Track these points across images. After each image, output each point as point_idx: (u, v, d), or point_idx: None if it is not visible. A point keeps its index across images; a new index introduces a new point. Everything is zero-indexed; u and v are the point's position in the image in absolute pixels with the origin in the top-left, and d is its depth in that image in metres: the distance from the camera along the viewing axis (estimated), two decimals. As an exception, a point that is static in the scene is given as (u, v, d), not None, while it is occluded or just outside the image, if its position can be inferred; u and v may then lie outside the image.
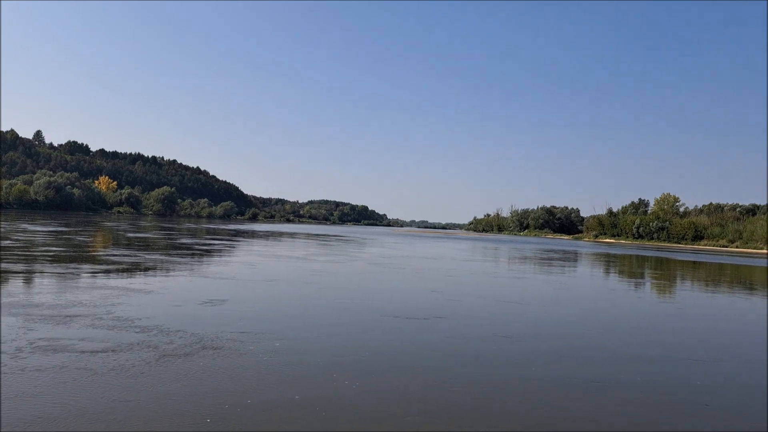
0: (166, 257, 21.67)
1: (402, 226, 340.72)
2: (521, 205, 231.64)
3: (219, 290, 13.06)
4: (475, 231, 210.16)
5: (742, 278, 28.94)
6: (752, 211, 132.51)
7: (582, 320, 11.82)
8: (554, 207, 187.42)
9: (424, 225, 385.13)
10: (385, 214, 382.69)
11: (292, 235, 62.50)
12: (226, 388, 5.98)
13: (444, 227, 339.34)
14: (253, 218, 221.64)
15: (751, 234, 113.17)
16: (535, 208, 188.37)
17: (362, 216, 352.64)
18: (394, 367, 7.13)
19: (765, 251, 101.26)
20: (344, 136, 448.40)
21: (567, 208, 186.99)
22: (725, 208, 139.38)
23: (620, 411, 5.90)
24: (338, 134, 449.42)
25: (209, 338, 8.12)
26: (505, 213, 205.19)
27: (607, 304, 15.23)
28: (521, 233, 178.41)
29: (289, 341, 8.20)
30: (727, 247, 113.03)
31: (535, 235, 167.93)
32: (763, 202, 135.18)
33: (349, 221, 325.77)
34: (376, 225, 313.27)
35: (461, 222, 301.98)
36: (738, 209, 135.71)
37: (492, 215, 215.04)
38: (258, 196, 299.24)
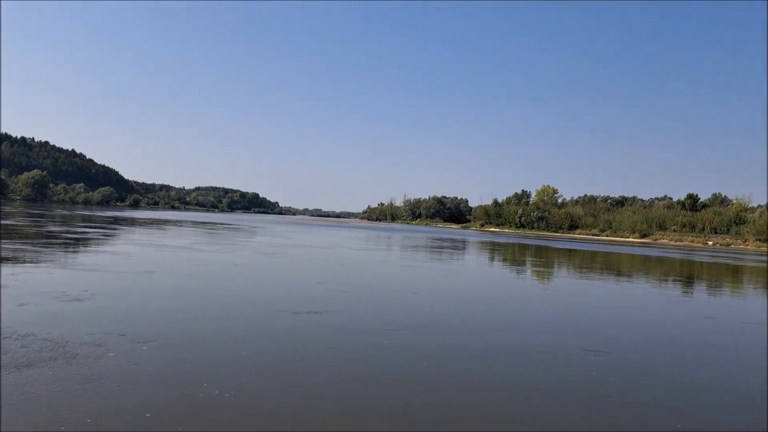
0: (28, 246, 19.49)
1: (294, 214, 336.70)
2: (414, 195, 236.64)
3: (85, 284, 11.75)
4: (368, 220, 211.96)
5: (611, 264, 31.04)
6: (621, 202, 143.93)
7: (470, 306, 11.86)
8: (445, 197, 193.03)
9: (318, 213, 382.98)
10: (276, 202, 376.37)
11: (176, 222, 59.41)
12: (75, 404, 5.15)
13: (338, 216, 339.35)
14: (135, 205, 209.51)
15: (620, 224, 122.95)
16: (427, 198, 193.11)
17: (253, 204, 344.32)
18: (277, 371, 6.57)
19: (631, 239, 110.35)
20: (235, 121, 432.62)
21: (457, 198, 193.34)
22: (598, 199, 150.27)
23: (498, 374, 5.77)
24: (228, 118, 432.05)
25: (64, 343, 7.10)
26: (399, 202, 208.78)
27: (492, 291, 15.52)
28: (413, 222, 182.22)
29: (158, 345, 7.35)
30: (598, 235, 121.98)
31: (427, 224, 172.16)
32: (630, 195, 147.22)
33: (239, 209, 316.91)
34: (268, 213, 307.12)
35: (355, 211, 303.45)
36: (609, 201, 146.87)
37: (386, 204, 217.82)
38: (140, 181, 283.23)
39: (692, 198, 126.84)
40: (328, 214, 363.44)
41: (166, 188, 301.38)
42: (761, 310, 15.15)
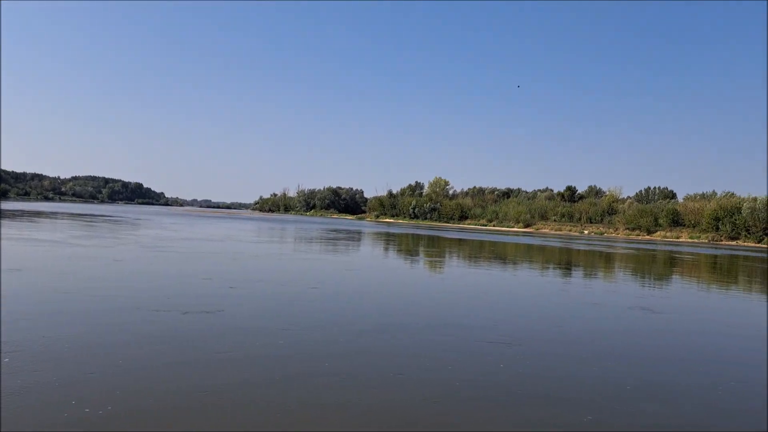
0: None
1: (182, 205, 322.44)
2: (308, 185, 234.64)
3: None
4: (261, 211, 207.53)
5: (499, 253, 32.43)
6: (507, 194, 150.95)
7: (360, 298, 11.81)
8: (340, 188, 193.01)
9: (207, 204, 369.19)
10: (162, 193, 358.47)
11: (50, 214, 54.93)
12: None
13: (228, 207, 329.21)
14: (3, 195, 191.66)
15: (506, 214, 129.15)
16: (322, 189, 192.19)
17: (136, 194, 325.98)
18: (158, 382, 6.10)
19: (516, 229, 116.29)
20: (115, 105, 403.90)
21: (352, 189, 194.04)
22: (486, 191, 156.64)
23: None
24: (106, 101, 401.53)
25: None
26: (292, 193, 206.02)
27: (392, 283, 15.60)
28: (308, 213, 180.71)
29: (17, 354, 6.62)
30: (486, 225, 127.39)
31: (321, 215, 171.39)
32: (515, 186, 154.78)
33: (121, 200, 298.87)
34: (153, 204, 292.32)
35: (247, 201, 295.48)
36: (496, 192, 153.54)
37: (279, 195, 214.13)
38: (8, 170, 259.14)
39: (571, 190, 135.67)
40: (218, 205, 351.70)
41: (39, 177, 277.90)
42: (641, 296, 16.36)
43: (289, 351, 7.34)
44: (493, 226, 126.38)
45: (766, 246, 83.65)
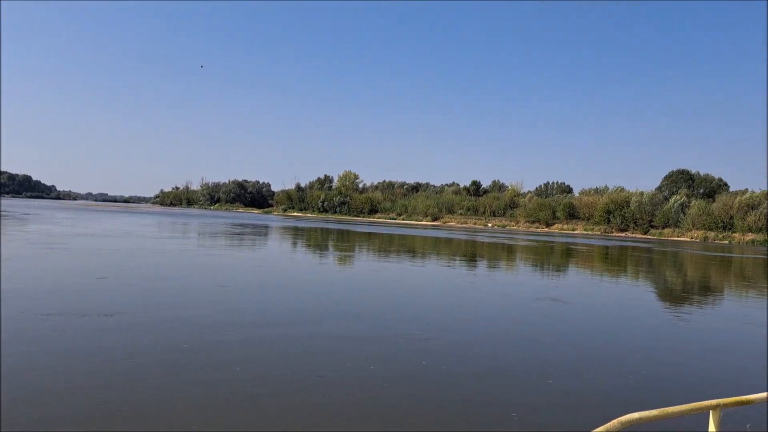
0: None
1: (76, 199, 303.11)
2: (212, 179, 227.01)
3: None
4: (162, 205, 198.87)
5: (409, 246, 32.89)
6: (416, 188, 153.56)
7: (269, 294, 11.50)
8: (246, 181, 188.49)
9: (104, 198, 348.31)
10: (53, 186, 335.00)
11: None
12: None
13: (127, 201, 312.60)
14: None
15: (414, 208, 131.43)
16: (227, 182, 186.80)
17: (24, 187, 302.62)
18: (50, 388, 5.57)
19: (424, 222, 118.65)
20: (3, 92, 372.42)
21: (258, 182, 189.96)
22: (395, 185, 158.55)
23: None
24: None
25: None
26: (195, 186, 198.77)
27: (301, 279, 15.32)
28: (212, 207, 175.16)
29: None
30: (395, 219, 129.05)
31: (227, 208, 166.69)
32: (423, 181, 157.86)
33: (7, 193, 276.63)
34: (43, 198, 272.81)
35: (147, 195, 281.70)
36: (405, 186, 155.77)
37: (181, 188, 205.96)
38: None
39: (476, 184, 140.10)
40: (115, 199, 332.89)
41: None
42: (547, 286, 17.04)
43: (195, 357, 6.97)
44: (403, 219, 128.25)
45: (651, 237, 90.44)
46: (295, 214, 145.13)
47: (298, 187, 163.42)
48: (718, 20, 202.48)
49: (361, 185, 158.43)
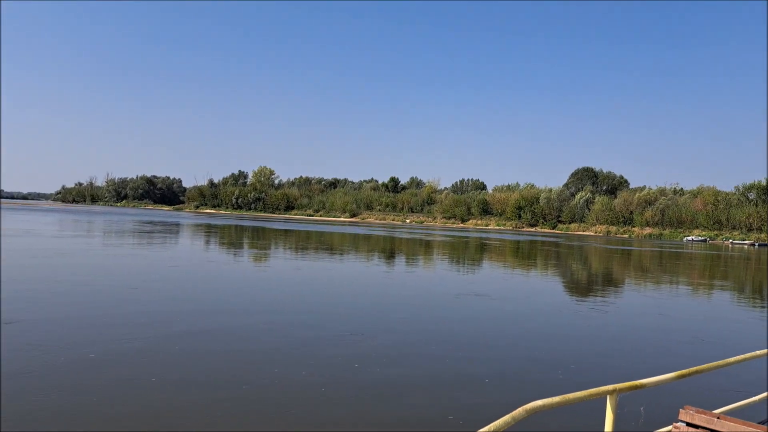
0: None
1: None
2: (119, 174, 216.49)
3: None
4: (63, 202, 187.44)
5: (326, 243, 32.70)
6: (334, 184, 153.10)
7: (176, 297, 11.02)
8: (155, 177, 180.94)
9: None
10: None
11: None
12: None
13: (25, 197, 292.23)
14: None
15: (332, 204, 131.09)
16: (135, 178, 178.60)
17: None
18: None
19: (342, 218, 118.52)
20: None
21: (169, 178, 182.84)
22: (313, 181, 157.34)
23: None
24: None
25: None
26: (100, 182, 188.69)
27: (217, 278, 14.80)
28: (119, 204, 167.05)
29: None
30: (313, 216, 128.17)
31: (135, 205, 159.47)
32: (342, 177, 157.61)
33: None
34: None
35: (47, 191, 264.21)
36: (323, 182, 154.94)
37: (84, 184, 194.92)
38: None
39: (394, 181, 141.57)
40: (12, 196, 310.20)
41: None
42: (467, 282, 17.37)
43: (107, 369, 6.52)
44: (320, 216, 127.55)
45: (558, 232, 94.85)
46: (207, 211, 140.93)
47: (211, 183, 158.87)
48: (620, 23, 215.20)
49: (277, 181, 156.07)
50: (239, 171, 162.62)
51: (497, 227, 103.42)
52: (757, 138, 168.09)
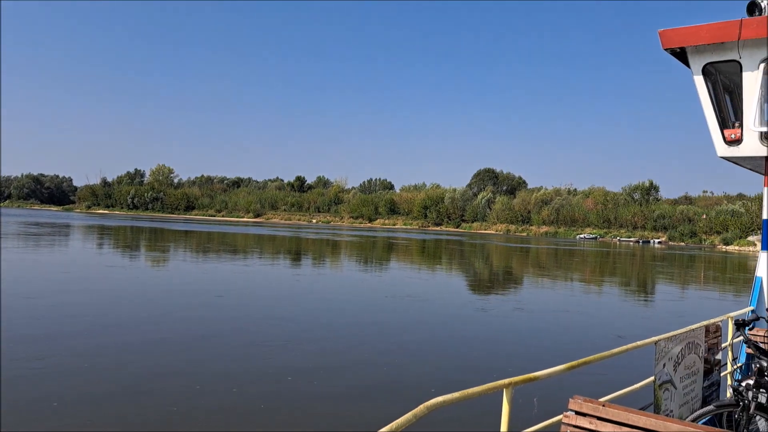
0: None
1: None
2: (2, 172, 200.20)
3: None
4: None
5: (230, 244, 31.82)
6: (237, 183, 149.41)
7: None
8: (43, 175, 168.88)
9: None
10: None
11: None
12: None
13: None
14: None
15: (235, 204, 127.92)
16: (20, 176, 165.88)
17: None
18: None
19: (246, 219, 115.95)
20: None
21: (58, 176, 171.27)
22: (215, 180, 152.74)
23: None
24: None
25: None
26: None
27: (112, 282, 13.93)
28: (1, 204, 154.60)
29: None
30: (215, 216, 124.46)
31: (19, 205, 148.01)
32: (245, 176, 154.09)
33: None
34: None
35: None
36: (225, 182, 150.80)
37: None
38: None
39: (300, 180, 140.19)
40: None
41: None
42: (391, 283, 17.39)
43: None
44: (223, 216, 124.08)
45: (462, 231, 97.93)
46: (101, 211, 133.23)
47: (105, 182, 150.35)
48: (521, 23, 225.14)
49: (176, 180, 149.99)
50: (135, 169, 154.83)
51: (404, 226, 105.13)
52: (644, 141, 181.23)
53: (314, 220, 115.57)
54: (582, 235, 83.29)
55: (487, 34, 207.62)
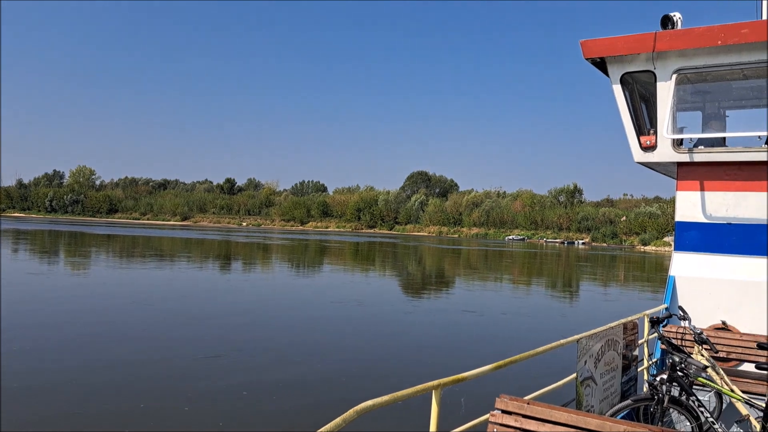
0: None
1: None
2: None
3: None
4: None
5: (157, 248, 30.75)
6: (164, 185, 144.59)
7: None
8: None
9: None
10: None
11: None
12: None
13: None
14: None
15: (161, 207, 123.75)
16: None
17: None
18: None
19: (173, 222, 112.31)
20: None
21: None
22: (139, 182, 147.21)
23: None
24: None
25: None
26: None
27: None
28: None
29: None
30: (139, 219, 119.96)
31: None
32: (172, 178, 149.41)
33: None
34: None
35: None
36: (151, 184, 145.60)
37: None
38: None
39: (230, 182, 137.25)
40: None
41: None
42: (329, 287, 17.20)
43: None
44: (148, 219, 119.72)
45: (396, 233, 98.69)
46: (15, 214, 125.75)
47: (20, 184, 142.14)
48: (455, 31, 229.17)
49: (98, 182, 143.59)
50: (54, 171, 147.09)
51: (337, 229, 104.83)
52: (569, 145, 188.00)
53: (244, 223, 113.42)
54: (511, 237, 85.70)
55: (425, 35, 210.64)
